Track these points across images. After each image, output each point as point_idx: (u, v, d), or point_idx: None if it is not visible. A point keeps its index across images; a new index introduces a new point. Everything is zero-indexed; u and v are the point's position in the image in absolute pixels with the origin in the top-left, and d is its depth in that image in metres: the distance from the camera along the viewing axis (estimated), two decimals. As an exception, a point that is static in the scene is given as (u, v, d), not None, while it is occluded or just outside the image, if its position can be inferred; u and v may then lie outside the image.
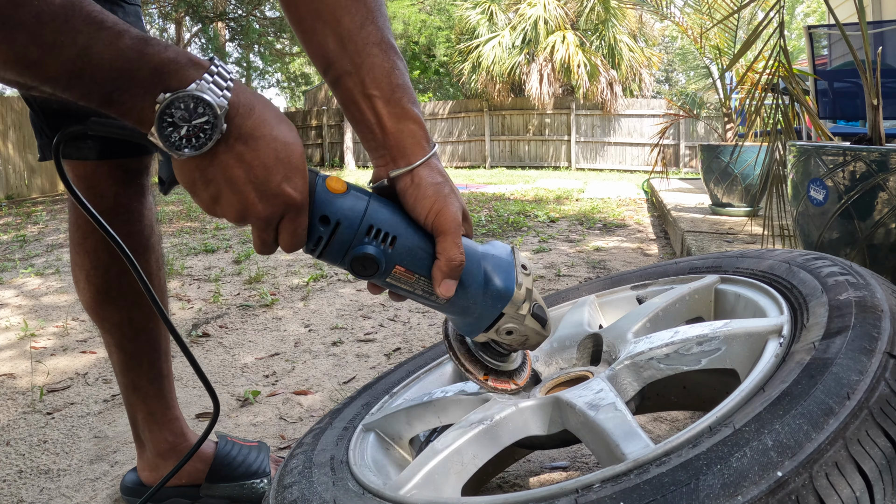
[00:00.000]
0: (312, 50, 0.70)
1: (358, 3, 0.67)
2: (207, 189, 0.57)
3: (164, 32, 13.90)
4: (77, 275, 1.05)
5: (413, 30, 15.14)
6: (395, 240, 0.64)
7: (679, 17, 5.29)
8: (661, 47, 19.66)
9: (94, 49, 0.51)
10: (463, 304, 0.68)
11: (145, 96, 0.53)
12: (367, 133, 0.69)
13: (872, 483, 0.50)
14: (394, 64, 0.68)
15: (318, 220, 0.61)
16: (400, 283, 0.65)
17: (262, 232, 0.60)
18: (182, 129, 0.53)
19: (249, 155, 0.56)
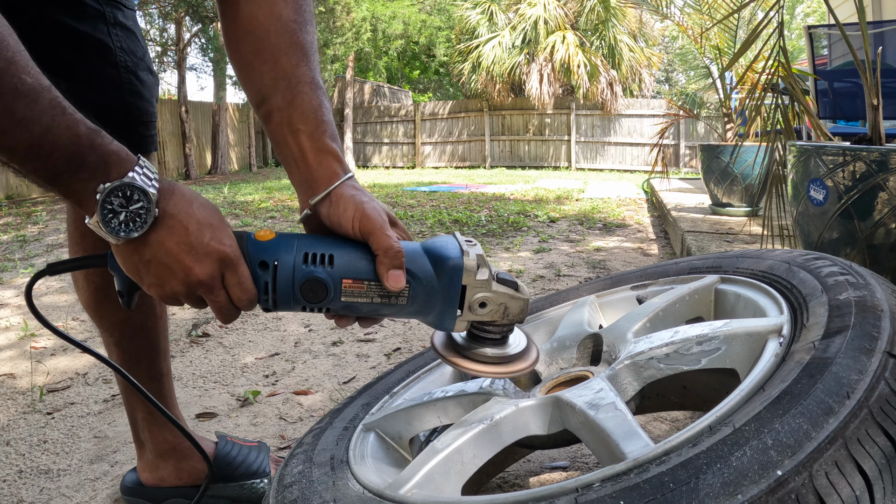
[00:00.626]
0: (249, 86, 0.75)
1: (295, 46, 0.74)
2: (150, 271, 0.63)
3: (164, 32, 13.89)
4: (76, 274, 1.05)
5: (413, 30, 15.13)
6: (333, 257, 0.66)
7: (679, 16, 5.29)
8: (661, 47, 19.65)
9: (54, 131, 0.56)
10: (423, 295, 0.68)
11: (89, 182, 0.59)
12: (293, 167, 0.73)
13: (872, 482, 0.51)
14: (321, 102, 0.74)
15: (258, 267, 0.66)
16: (355, 296, 0.67)
17: (212, 296, 0.64)
18: (121, 215, 0.60)
19: (178, 227, 0.62)
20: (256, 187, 9.23)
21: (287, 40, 0.74)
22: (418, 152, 15.85)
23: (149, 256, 0.62)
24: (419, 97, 23.64)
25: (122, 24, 0.95)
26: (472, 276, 0.68)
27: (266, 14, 0.74)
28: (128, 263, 0.63)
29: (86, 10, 0.90)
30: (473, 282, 0.68)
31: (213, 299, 0.65)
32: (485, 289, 0.68)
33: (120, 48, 0.94)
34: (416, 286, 0.68)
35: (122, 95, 0.95)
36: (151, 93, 1.01)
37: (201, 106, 14.65)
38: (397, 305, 0.68)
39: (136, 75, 0.97)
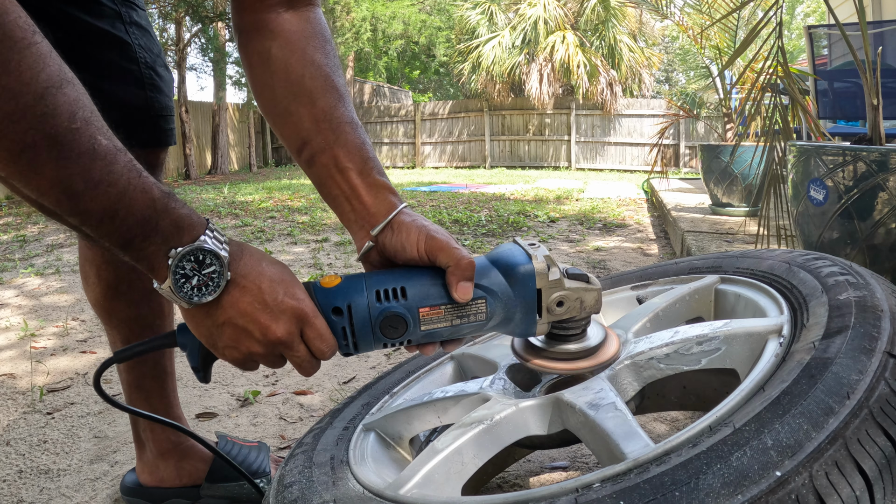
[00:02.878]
0: (287, 131, 0.75)
1: (331, 88, 0.74)
2: (224, 333, 0.62)
3: (164, 32, 13.89)
4: (87, 270, 1.05)
5: (413, 30, 15.14)
6: (405, 289, 0.66)
7: (679, 16, 5.29)
8: (661, 47, 19.65)
9: (130, 194, 0.55)
10: (500, 307, 0.68)
11: (161, 246, 0.58)
12: (345, 205, 0.73)
13: (872, 482, 0.51)
14: (363, 140, 0.74)
15: (332, 313, 0.65)
16: (434, 323, 0.67)
17: (292, 352, 0.64)
18: (193, 280, 0.59)
19: (251, 287, 0.62)
20: (256, 187, 9.23)
21: (322, 83, 0.74)
22: (418, 152, 15.85)
23: (223, 319, 0.62)
24: (419, 97, 23.65)
25: (138, 23, 0.97)
26: (545, 279, 0.68)
27: (298, 59, 0.74)
28: (200, 328, 0.63)
29: (103, 9, 0.92)
30: (547, 283, 0.68)
31: (293, 355, 0.64)
32: (559, 287, 0.69)
33: (139, 45, 0.96)
34: (492, 300, 0.67)
35: (144, 90, 0.97)
36: (169, 88, 1.03)
37: (201, 106, 14.65)
38: (476, 323, 0.68)
39: (155, 70, 0.99)
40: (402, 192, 8.07)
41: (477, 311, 0.67)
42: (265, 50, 0.75)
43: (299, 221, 5.04)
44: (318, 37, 0.77)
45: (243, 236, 4.47)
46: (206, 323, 0.62)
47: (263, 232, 4.60)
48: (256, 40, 0.76)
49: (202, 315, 0.62)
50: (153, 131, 1.00)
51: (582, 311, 0.71)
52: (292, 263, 3.44)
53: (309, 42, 0.76)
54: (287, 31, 0.75)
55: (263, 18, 0.75)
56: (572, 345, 0.74)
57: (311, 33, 0.76)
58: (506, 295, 0.68)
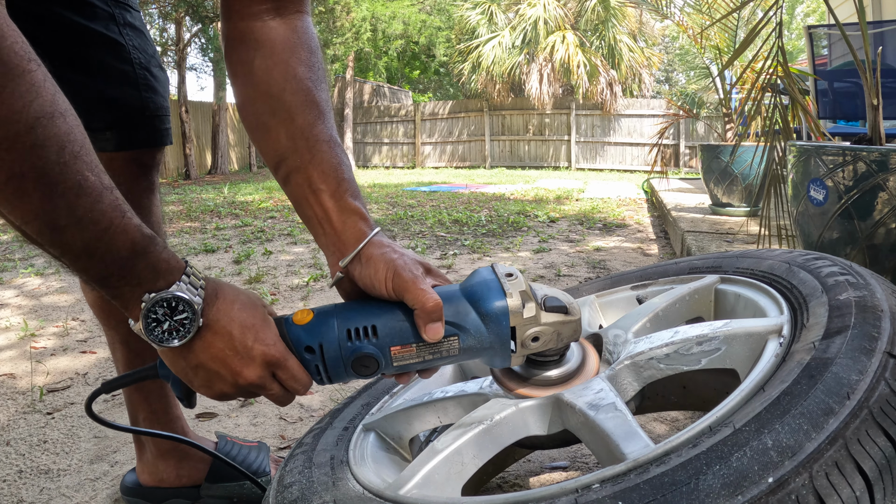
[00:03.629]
0: (266, 146, 0.74)
1: (310, 104, 0.73)
2: (198, 374, 0.64)
3: (164, 32, 13.88)
4: None
5: (413, 30, 15.14)
6: (375, 328, 0.66)
7: (679, 16, 5.29)
8: (661, 47, 19.65)
9: (112, 233, 0.56)
10: (473, 343, 0.67)
11: (136, 288, 0.59)
12: (318, 229, 0.72)
13: (872, 483, 0.50)
14: (340, 160, 0.73)
15: (305, 351, 0.66)
16: (406, 360, 0.67)
17: (267, 391, 0.65)
18: (164, 324, 0.60)
19: (222, 333, 0.62)
20: (256, 187, 9.23)
21: (303, 99, 0.73)
22: (418, 152, 15.85)
23: (195, 363, 0.63)
24: (419, 97, 23.65)
25: (132, 24, 0.98)
26: (520, 317, 0.66)
27: (281, 72, 0.73)
28: (175, 367, 0.64)
29: (96, 11, 0.92)
30: (521, 321, 0.66)
31: (267, 393, 0.66)
32: (534, 324, 0.67)
33: (133, 46, 0.97)
34: (464, 336, 0.66)
35: (139, 91, 0.98)
36: (165, 88, 1.03)
37: (201, 106, 14.65)
38: (450, 357, 0.67)
39: (150, 71, 0.99)
40: (402, 192, 8.07)
41: (449, 348, 0.66)
42: (249, 61, 0.74)
43: (299, 221, 5.03)
44: (304, 48, 0.75)
45: (243, 236, 4.47)
46: (180, 363, 0.64)
47: (263, 232, 4.60)
48: (241, 50, 0.74)
49: (175, 356, 0.63)
50: (149, 131, 1.00)
51: (559, 342, 0.70)
52: (292, 263, 3.45)
53: (293, 54, 0.74)
54: (272, 41, 0.74)
55: (250, 27, 0.74)
56: (552, 371, 0.74)
57: (296, 44, 0.75)
58: (478, 332, 0.66)
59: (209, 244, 4.08)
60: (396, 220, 5.19)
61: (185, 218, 5.72)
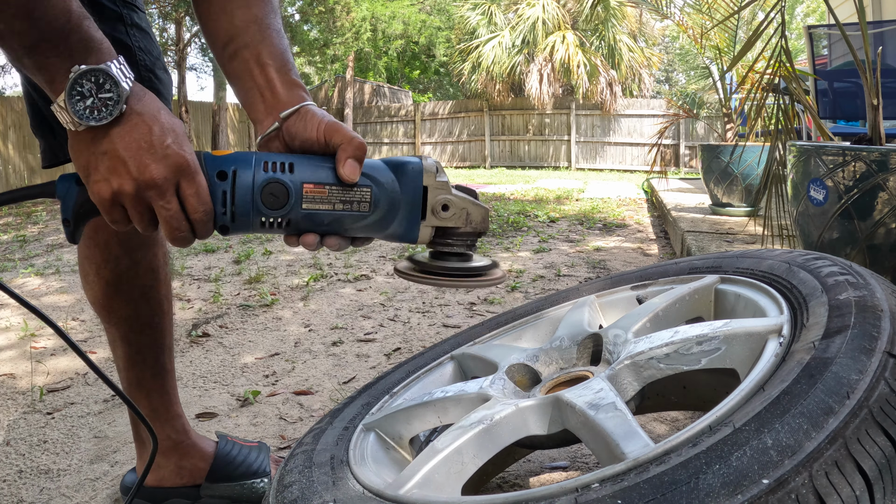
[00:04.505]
0: (219, 26, 0.79)
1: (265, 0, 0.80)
2: (102, 163, 0.62)
3: (164, 32, 13.89)
4: (86, 268, 1.05)
5: (413, 30, 15.14)
6: (293, 165, 0.67)
7: (679, 16, 5.29)
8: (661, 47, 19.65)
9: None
10: (385, 200, 0.68)
11: (66, 60, 0.59)
12: (258, 97, 0.76)
13: (872, 482, 0.51)
14: (286, 48, 0.79)
15: (217, 177, 0.65)
16: (316, 203, 0.66)
17: (163, 202, 0.63)
18: (88, 100, 0.60)
19: (141, 126, 0.62)
20: (256, 187, 9.22)
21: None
22: (418, 152, 15.85)
23: (105, 148, 0.62)
24: (419, 97, 23.65)
25: (138, 25, 0.98)
26: (433, 178, 0.69)
27: None
28: (81, 154, 0.63)
29: (104, 10, 0.92)
30: (434, 182, 0.69)
31: (163, 206, 0.63)
32: (445, 190, 0.69)
33: (139, 48, 0.97)
34: (378, 191, 0.68)
35: None
36: (168, 91, 1.04)
37: (201, 106, 14.65)
38: (359, 213, 0.67)
39: (155, 73, 0.99)
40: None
41: (361, 199, 0.67)
42: None
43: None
44: None
45: (243, 236, 4.47)
46: (89, 150, 0.62)
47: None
48: None
49: (87, 140, 0.62)
50: None
51: (468, 223, 0.70)
52: (292, 263, 3.45)
53: None
54: None
55: None
56: (455, 262, 0.72)
57: None
58: (391, 187, 0.68)
59: (209, 244, 4.08)
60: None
61: (185, 218, 5.70)
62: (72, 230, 0.66)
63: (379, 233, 0.70)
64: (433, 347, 1.16)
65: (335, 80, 16.77)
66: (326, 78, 16.90)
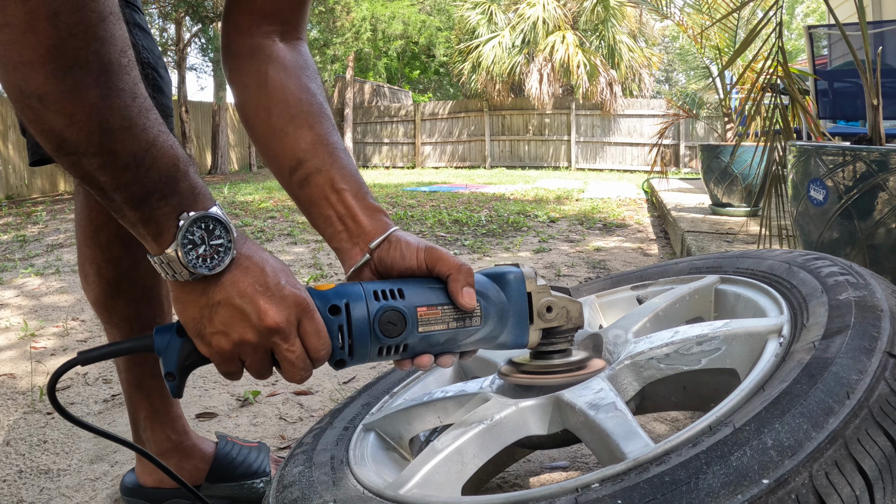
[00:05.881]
0: (282, 150, 0.76)
1: (325, 116, 0.77)
2: (217, 315, 0.59)
3: (164, 32, 13.89)
4: (87, 269, 1.05)
5: (413, 30, 15.14)
6: (402, 290, 0.67)
7: (679, 16, 5.29)
8: (661, 47, 19.66)
9: (159, 145, 0.54)
10: (494, 312, 0.70)
11: (175, 208, 0.56)
12: (338, 225, 0.74)
13: (872, 482, 0.51)
14: (355, 168, 0.77)
15: (329, 312, 0.63)
16: (431, 324, 0.67)
17: (288, 345, 0.60)
18: (200, 249, 0.57)
19: (254, 269, 0.60)
20: (256, 187, 9.23)
21: (318, 110, 0.77)
22: (418, 152, 15.85)
23: (219, 298, 0.59)
24: (419, 97, 23.65)
25: (139, 25, 0.98)
26: (534, 283, 0.72)
27: (296, 84, 0.77)
28: (191, 308, 0.59)
29: None
30: (536, 287, 0.72)
31: (287, 349, 0.60)
32: (547, 293, 0.73)
33: (142, 46, 0.97)
34: (487, 305, 0.70)
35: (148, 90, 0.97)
36: (169, 89, 1.04)
37: (201, 106, 14.66)
38: (472, 328, 0.69)
39: (157, 71, 1.00)
40: (402, 192, 8.08)
41: (473, 315, 0.69)
42: (262, 72, 0.77)
43: (299, 221, 5.04)
44: (310, 68, 0.80)
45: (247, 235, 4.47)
46: (200, 302, 0.59)
47: (263, 232, 4.60)
48: (251, 62, 0.77)
49: (198, 293, 0.59)
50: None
51: (568, 321, 0.75)
52: (292, 263, 3.45)
53: (303, 71, 0.79)
54: (283, 58, 0.78)
55: (260, 43, 0.77)
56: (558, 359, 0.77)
57: (303, 64, 0.80)
58: (499, 299, 0.71)
59: (209, 244, 4.07)
60: (397, 220, 5.19)
61: (185, 218, 5.70)
62: (177, 384, 0.63)
63: (490, 343, 0.72)
64: (433, 347, 1.16)
65: (335, 80, 16.76)
66: (326, 78, 16.90)
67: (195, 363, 0.63)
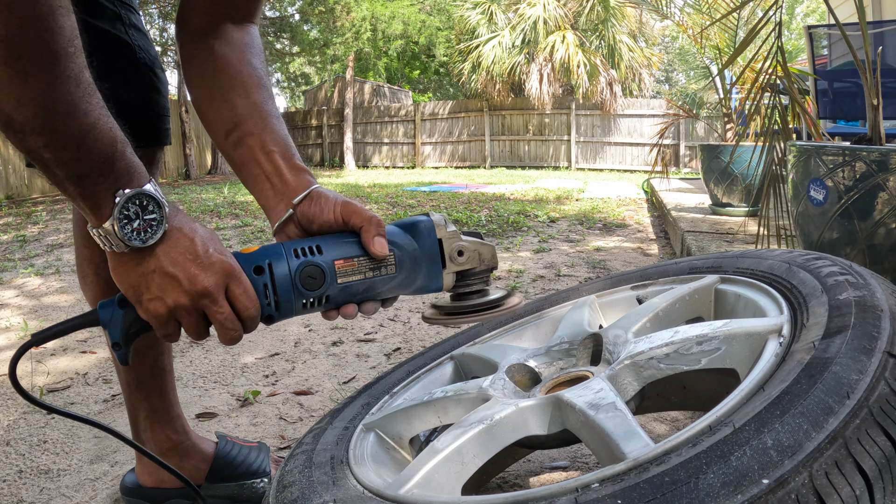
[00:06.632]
0: (221, 114, 0.82)
1: (263, 86, 0.84)
2: (152, 282, 0.65)
3: (164, 32, 13.87)
4: (85, 269, 1.06)
5: (413, 30, 15.13)
6: (321, 246, 0.72)
7: (679, 16, 5.29)
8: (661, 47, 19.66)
9: (99, 128, 0.59)
10: (408, 259, 0.75)
11: (111, 185, 0.62)
12: (266, 184, 0.79)
13: (872, 482, 0.51)
14: (286, 133, 0.83)
15: (254, 272, 0.69)
16: (349, 276, 0.72)
17: (217, 307, 0.66)
18: (135, 223, 0.63)
19: (183, 240, 0.65)
20: (256, 187, 9.21)
21: (256, 81, 0.83)
22: (418, 152, 15.85)
23: (153, 267, 0.64)
24: (419, 97, 23.64)
25: (136, 26, 0.99)
26: (444, 230, 0.76)
27: (238, 58, 0.83)
28: (129, 277, 0.65)
29: (104, 10, 0.94)
30: (446, 234, 0.76)
31: (217, 311, 0.66)
32: (457, 238, 0.77)
33: (139, 46, 0.99)
34: (400, 253, 0.74)
35: (144, 90, 1.00)
36: (165, 89, 1.06)
37: (201, 106, 14.62)
38: (388, 276, 0.74)
39: (154, 72, 1.01)
40: (402, 192, 8.08)
41: (388, 264, 0.73)
42: (209, 45, 0.83)
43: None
44: (255, 46, 0.87)
45: (243, 236, 4.47)
46: (137, 271, 0.65)
47: (263, 232, 4.60)
48: (201, 38, 0.84)
49: (133, 263, 0.64)
50: (152, 131, 1.02)
51: (481, 262, 0.78)
52: (292, 263, 3.44)
53: (248, 48, 0.85)
54: (230, 36, 0.85)
55: (211, 22, 0.84)
56: (476, 299, 0.79)
57: (249, 42, 0.86)
58: (411, 247, 0.75)
59: (209, 244, 4.07)
60: (396, 219, 5.19)
61: (185, 218, 5.70)
62: (124, 352, 0.69)
63: (407, 289, 0.77)
64: (433, 347, 1.16)
65: (335, 80, 16.77)
66: (326, 78, 16.90)
67: (139, 331, 0.69)
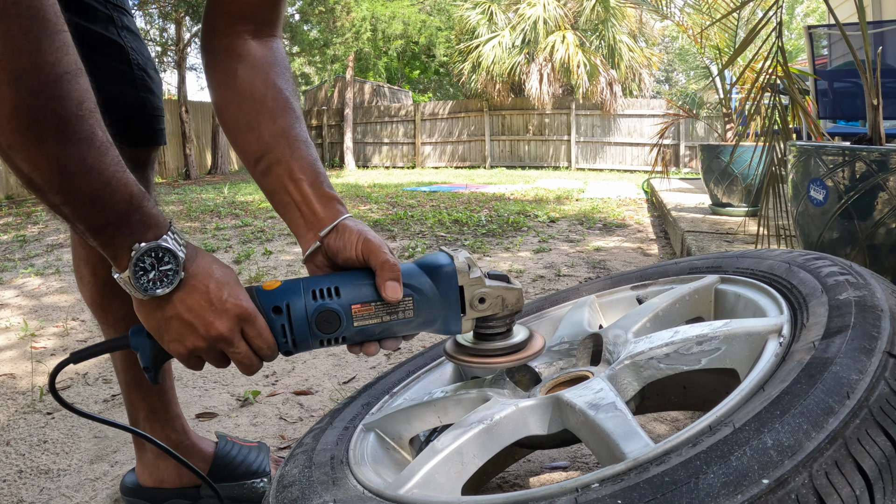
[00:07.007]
0: (248, 143, 0.82)
1: (289, 109, 0.83)
2: (171, 327, 0.68)
3: (164, 32, 13.88)
4: (82, 270, 1.06)
5: (413, 30, 15.12)
6: (339, 288, 0.72)
7: (679, 16, 5.29)
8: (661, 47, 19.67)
9: (114, 185, 0.61)
10: (426, 304, 0.74)
11: (127, 239, 0.64)
12: (295, 212, 0.80)
13: (872, 482, 0.51)
14: (315, 157, 0.82)
15: (272, 312, 0.71)
16: (365, 319, 0.72)
17: (233, 349, 0.69)
18: (150, 274, 0.65)
19: (199, 287, 0.68)
20: (256, 187, 9.21)
21: (283, 105, 0.82)
22: (418, 152, 15.85)
23: (171, 314, 0.67)
24: (419, 97, 23.63)
25: (129, 27, 1.00)
26: (466, 276, 0.74)
27: (262, 82, 0.82)
28: (150, 320, 0.68)
29: (96, 13, 0.94)
30: (468, 280, 0.74)
31: (234, 352, 0.69)
32: (480, 285, 0.75)
33: (131, 48, 0.99)
34: (419, 298, 0.74)
35: (137, 91, 1.00)
36: (159, 89, 1.06)
37: (201, 106, 14.65)
38: (405, 320, 0.73)
39: (147, 73, 1.02)
40: (402, 192, 8.08)
41: (405, 308, 0.73)
42: (232, 70, 0.83)
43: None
44: (280, 64, 0.85)
45: (243, 236, 4.47)
46: (156, 315, 0.68)
47: (263, 232, 4.60)
48: (225, 61, 0.83)
49: (153, 307, 0.67)
50: (145, 131, 1.03)
51: (504, 308, 0.76)
52: (292, 263, 3.45)
53: (272, 68, 0.84)
54: (253, 56, 0.83)
55: (233, 43, 0.83)
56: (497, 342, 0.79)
57: (273, 60, 0.85)
58: (431, 292, 0.74)
59: (209, 244, 4.08)
60: (396, 220, 5.19)
61: (185, 218, 5.72)
62: (153, 375, 0.73)
63: (426, 329, 0.76)
64: (433, 347, 1.16)
65: (335, 80, 16.76)
66: (326, 78, 16.89)
67: (166, 357, 0.72)
